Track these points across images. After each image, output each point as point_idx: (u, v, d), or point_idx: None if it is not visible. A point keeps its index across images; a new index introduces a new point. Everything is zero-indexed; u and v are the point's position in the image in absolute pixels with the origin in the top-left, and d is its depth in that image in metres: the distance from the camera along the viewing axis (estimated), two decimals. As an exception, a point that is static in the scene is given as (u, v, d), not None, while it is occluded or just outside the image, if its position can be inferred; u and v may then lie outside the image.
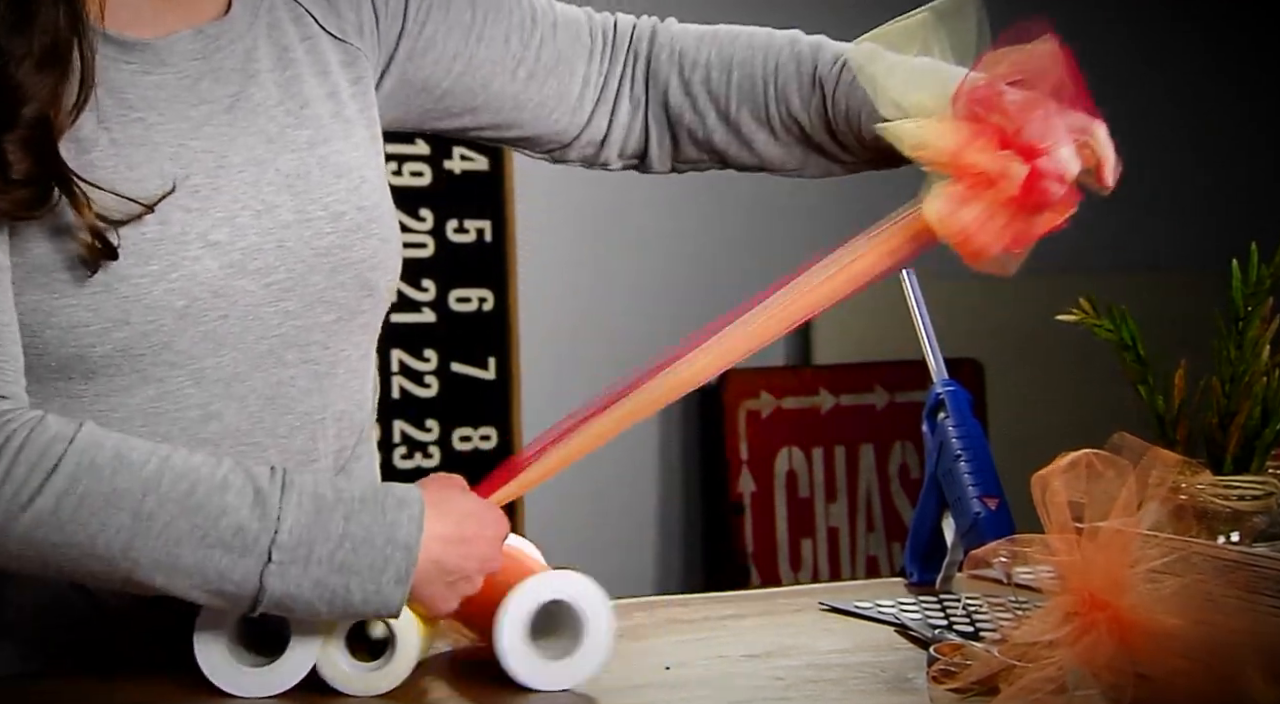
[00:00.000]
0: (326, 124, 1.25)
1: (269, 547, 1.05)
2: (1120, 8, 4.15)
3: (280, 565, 1.05)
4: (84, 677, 1.17)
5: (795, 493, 3.60)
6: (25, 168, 1.07)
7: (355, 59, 1.29)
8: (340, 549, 1.06)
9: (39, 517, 1.04)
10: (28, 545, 1.05)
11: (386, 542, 1.07)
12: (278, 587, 1.06)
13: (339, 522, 1.06)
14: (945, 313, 1.56)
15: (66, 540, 1.05)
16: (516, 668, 1.10)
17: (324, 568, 1.06)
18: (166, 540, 1.05)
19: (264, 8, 1.25)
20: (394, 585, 1.07)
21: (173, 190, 1.14)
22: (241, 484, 1.06)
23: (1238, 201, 4.19)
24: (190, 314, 1.14)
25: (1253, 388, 1.29)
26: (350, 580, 1.06)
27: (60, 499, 1.04)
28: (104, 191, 1.10)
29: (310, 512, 1.06)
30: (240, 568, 1.05)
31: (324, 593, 1.06)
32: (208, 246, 1.15)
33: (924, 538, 1.44)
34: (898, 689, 1.10)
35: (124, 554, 1.05)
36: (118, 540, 1.05)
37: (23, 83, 1.08)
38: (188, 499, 1.05)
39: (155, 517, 1.05)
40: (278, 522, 1.05)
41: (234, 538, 1.05)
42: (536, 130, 1.38)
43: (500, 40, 1.34)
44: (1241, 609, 1.05)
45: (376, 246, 1.25)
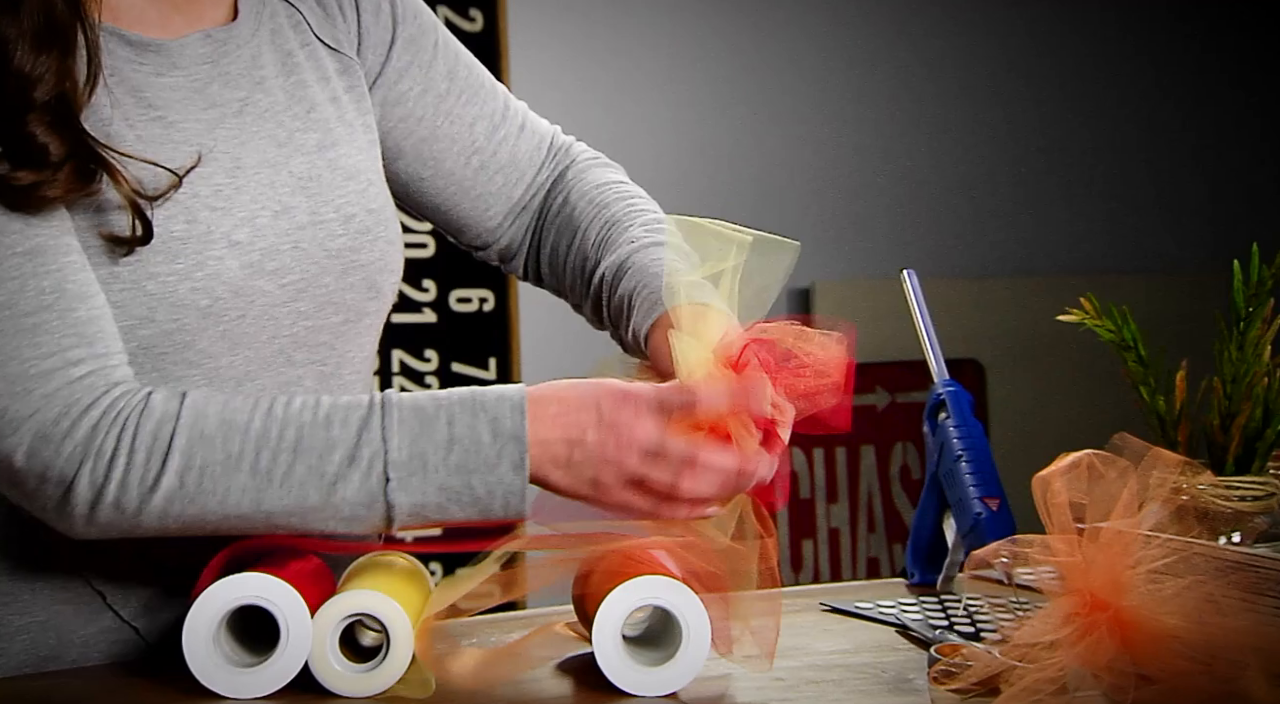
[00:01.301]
0: (333, 127, 1.26)
1: (384, 468, 1.08)
2: (1121, 9, 4.15)
3: (400, 480, 1.08)
4: (85, 677, 1.18)
5: (796, 493, 3.60)
6: (58, 147, 1.09)
7: (349, 67, 1.30)
8: (452, 452, 1.09)
9: (169, 495, 1.08)
10: (165, 521, 1.09)
11: (494, 435, 1.09)
12: (404, 500, 1.09)
13: (444, 427, 1.09)
14: (946, 313, 1.57)
15: (199, 511, 1.08)
16: (608, 668, 1.10)
17: (442, 473, 1.09)
18: (289, 487, 1.08)
19: (266, 14, 1.26)
20: (513, 473, 1.09)
21: (198, 163, 1.15)
22: (344, 417, 1.09)
23: (1239, 203, 4.19)
24: (213, 313, 1.15)
25: (1254, 389, 1.29)
26: (470, 478, 1.09)
27: (183, 476, 1.07)
28: (135, 160, 1.12)
29: (414, 424, 1.09)
30: (364, 493, 1.08)
31: (450, 495, 1.09)
32: (231, 246, 1.16)
33: (925, 538, 1.44)
34: (899, 690, 1.10)
35: (256, 509, 1.09)
36: (246, 499, 1.08)
37: (24, 66, 1.09)
38: (298, 445, 1.08)
39: (273, 469, 1.08)
40: (384, 441, 1.08)
41: (350, 468, 1.08)
42: (469, 221, 1.40)
43: (467, 123, 1.36)
44: (1243, 610, 1.05)
45: (384, 249, 1.26)
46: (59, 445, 1.07)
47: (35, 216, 1.09)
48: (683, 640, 1.10)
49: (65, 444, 1.07)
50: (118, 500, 1.08)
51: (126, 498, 1.08)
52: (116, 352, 1.11)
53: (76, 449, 1.07)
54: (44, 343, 1.08)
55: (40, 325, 1.08)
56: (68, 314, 1.09)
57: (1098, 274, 4.01)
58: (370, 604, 1.10)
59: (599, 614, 1.10)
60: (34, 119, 1.09)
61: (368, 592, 1.11)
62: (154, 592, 1.21)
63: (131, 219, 1.11)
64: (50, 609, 1.19)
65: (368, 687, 1.10)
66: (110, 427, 1.08)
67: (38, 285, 1.08)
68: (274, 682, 1.09)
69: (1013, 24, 4.06)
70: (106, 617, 1.20)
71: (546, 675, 1.16)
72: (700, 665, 1.10)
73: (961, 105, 4.00)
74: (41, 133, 1.09)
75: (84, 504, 1.08)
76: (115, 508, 1.08)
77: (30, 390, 1.07)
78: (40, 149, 1.08)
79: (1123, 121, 4.17)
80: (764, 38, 3.77)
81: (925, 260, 3.66)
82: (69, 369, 1.08)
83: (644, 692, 1.10)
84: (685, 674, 1.10)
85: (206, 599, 1.09)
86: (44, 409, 1.07)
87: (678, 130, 3.68)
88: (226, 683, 1.08)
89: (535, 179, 1.41)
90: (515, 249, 1.43)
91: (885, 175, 3.90)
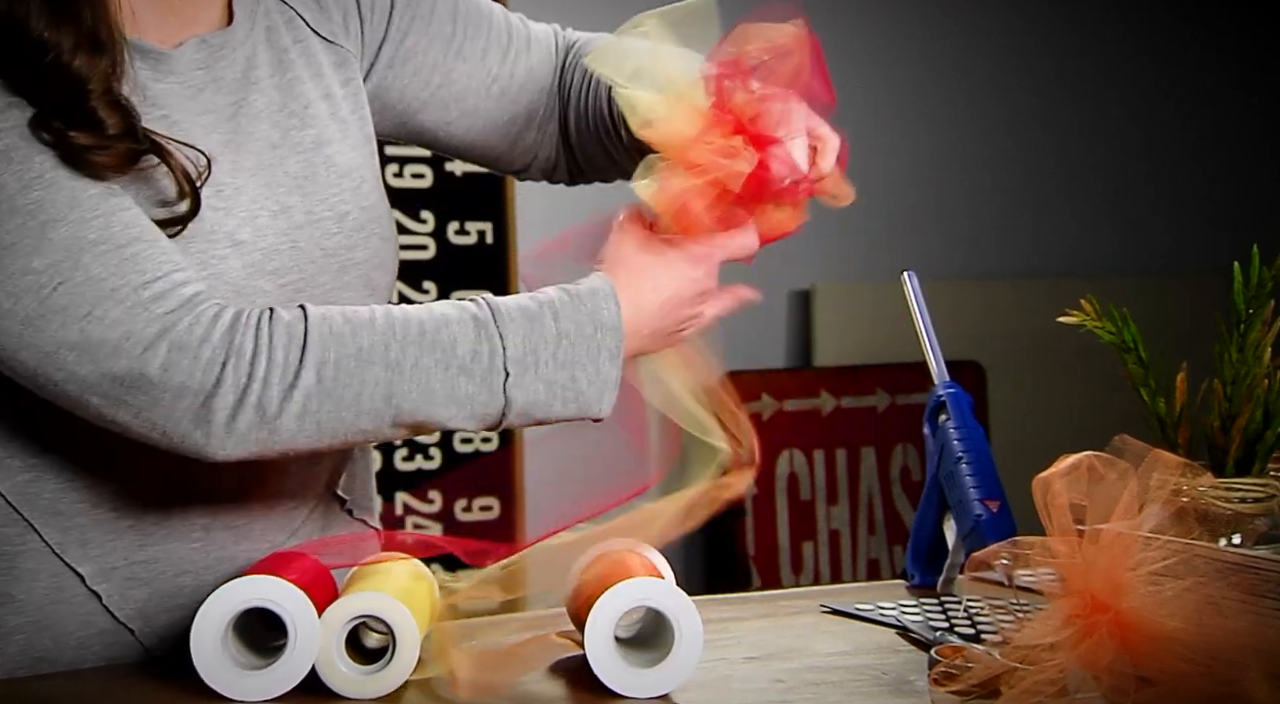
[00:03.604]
0: (326, 125, 1.26)
1: (504, 364, 1.12)
2: (1121, 9, 4.15)
3: (517, 376, 1.13)
4: (86, 678, 1.18)
5: (796, 495, 3.60)
6: (116, 122, 1.11)
7: (345, 61, 1.30)
8: (560, 347, 1.14)
9: (308, 391, 1.09)
10: (304, 419, 1.10)
11: (595, 328, 1.15)
12: (520, 396, 1.13)
13: (550, 324, 1.14)
14: (946, 315, 1.57)
15: (336, 405, 1.10)
16: (600, 670, 1.10)
17: (551, 367, 1.14)
18: (418, 378, 1.11)
19: (260, 13, 1.26)
20: (610, 364, 1.15)
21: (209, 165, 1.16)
22: (459, 315, 1.13)
23: (1239, 204, 4.19)
24: None
25: (1254, 390, 1.29)
26: (575, 371, 1.14)
27: (320, 370, 1.10)
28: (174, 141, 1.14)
29: (523, 323, 1.13)
30: (486, 387, 1.13)
31: (556, 390, 1.14)
32: (234, 245, 1.16)
33: (925, 540, 1.44)
34: (899, 692, 1.10)
35: (387, 402, 1.11)
36: (379, 392, 1.11)
37: (78, 68, 1.11)
38: (422, 339, 1.12)
39: (402, 361, 1.11)
40: (502, 339, 1.12)
41: (473, 362, 1.12)
42: (505, 148, 1.41)
43: (478, 56, 1.36)
44: (1243, 612, 1.05)
45: (378, 246, 1.27)
46: (197, 351, 1.08)
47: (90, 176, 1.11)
48: (675, 642, 1.10)
49: (204, 349, 1.08)
50: (260, 401, 1.09)
51: (269, 396, 1.09)
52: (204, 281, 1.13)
53: (216, 352, 1.08)
54: (148, 269, 1.09)
55: (139, 254, 1.09)
56: (157, 242, 1.11)
57: (1098, 276, 4.01)
58: (377, 606, 1.10)
59: (591, 616, 1.10)
60: (95, 100, 1.11)
61: (374, 594, 1.11)
62: (151, 593, 1.21)
63: (186, 201, 1.13)
64: (45, 610, 1.19)
65: (374, 689, 1.10)
66: (245, 327, 1.09)
67: (122, 219, 1.10)
68: (281, 684, 1.09)
69: (1013, 26, 4.06)
70: (103, 619, 1.20)
71: (540, 677, 1.16)
72: (693, 667, 1.10)
73: (961, 107, 4.00)
74: (102, 109, 1.11)
75: (227, 409, 1.08)
76: (257, 410, 1.09)
77: (150, 309, 1.08)
78: (99, 122, 1.11)
79: (1123, 122, 4.17)
80: (764, 39, 3.76)
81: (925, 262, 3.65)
82: (181, 289, 1.10)
83: (636, 693, 1.10)
84: (677, 675, 1.10)
85: (214, 602, 1.09)
86: (174, 322, 1.08)
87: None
88: (234, 685, 1.09)
89: (554, 85, 1.41)
90: (556, 158, 1.44)
91: (885, 178, 3.90)
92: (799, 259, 3.73)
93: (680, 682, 1.10)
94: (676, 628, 1.10)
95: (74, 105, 1.10)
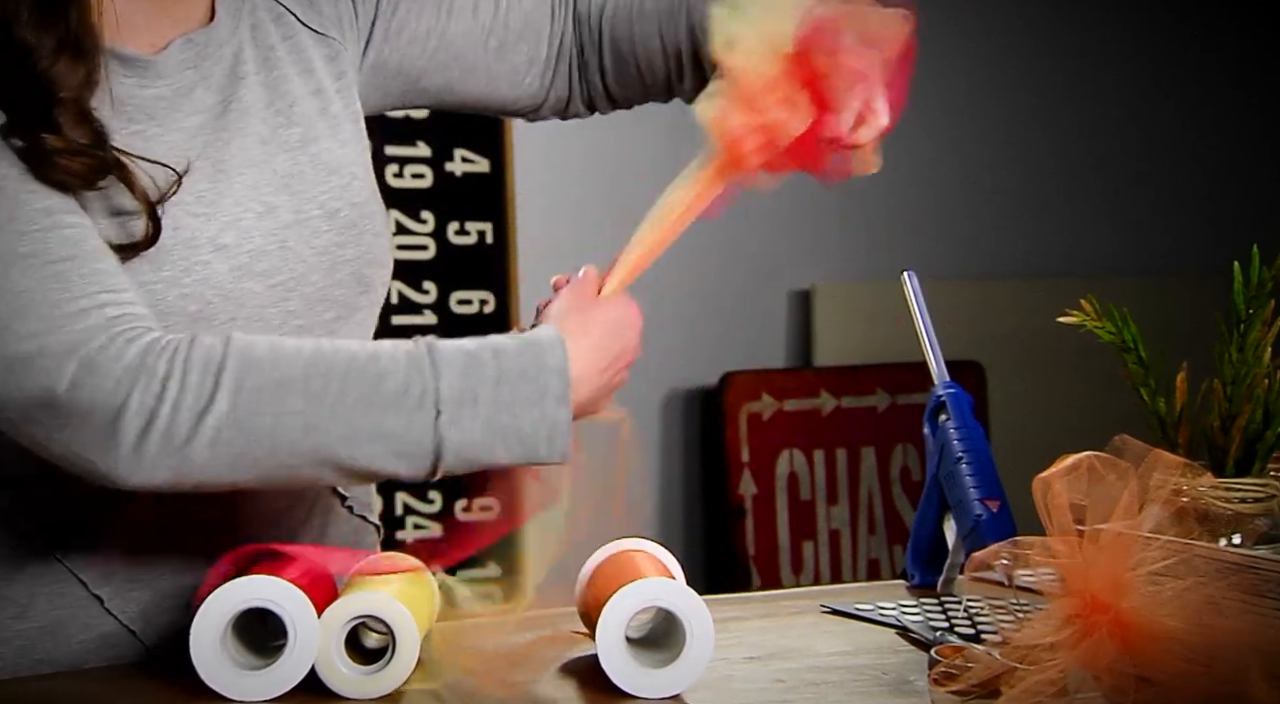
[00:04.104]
0: (315, 122, 1.26)
1: (435, 400, 1.09)
2: (1121, 9, 4.15)
3: (451, 414, 1.09)
4: (86, 678, 1.18)
5: (796, 495, 3.60)
6: (84, 132, 1.10)
7: (337, 54, 1.30)
8: (500, 387, 1.10)
9: (220, 418, 1.06)
10: (215, 451, 1.07)
11: (539, 370, 1.11)
12: (454, 436, 1.09)
13: (490, 363, 1.11)
14: (946, 315, 1.56)
15: (250, 436, 1.07)
16: (611, 669, 1.10)
17: (490, 407, 1.10)
18: (340, 412, 1.08)
19: (245, 9, 1.26)
20: (557, 406, 1.11)
21: (187, 170, 1.15)
22: (390, 351, 1.10)
23: (1239, 204, 4.19)
24: (203, 318, 1.14)
25: (1254, 390, 1.29)
26: (517, 413, 1.10)
27: (235, 397, 1.06)
28: (139, 159, 1.13)
29: (461, 361, 1.10)
30: (416, 424, 1.09)
31: (497, 431, 1.10)
32: (217, 250, 1.16)
33: (925, 540, 1.44)
34: (899, 692, 1.10)
35: (306, 435, 1.07)
36: (297, 423, 1.07)
37: (55, 74, 1.10)
38: (348, 371, 1.08)
39: (324, 392, 1.08)
40: (436, 375, 1.09)
41: (402, 397, 1.09)
42: (512, 97, 1.40)
43: (469, 11, 1.36)
44: (1243, 612, 1.05)
45: (370, 243, 1.26)
46: (108, 369, 1.06)
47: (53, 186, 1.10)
48: (686, 642, 1.10)
49: (114, 367, 1.06)
50: (169, 426, 1.06)
51: (178, 422, 1.06)
52: (142, 307, 1.11)
53: (127, 373, 1.06)
54: (73, 287, 1.08)
55: (68, 272, 1.08)
56: (92, 263, 1.09)
57: (1098, 276, 4.01)
58: (376, 606, 1.10)
59: (602, 616, 1.10)
60: (61, 111, 1.10)
61: (373, 593, 1.11)
62: (153, 595, 1.21)
63: (146, 221, 1.12)
64: (46, 614, 1.19)
65: (373, 689, 1.10)
66: (161, 352, 1.07)
67: (60, 236, 1.09)
68: (281, 684, 1.09)
69: (1013, 25, 4.06)
70: (105, 622, 1.20)
71: (551, 677, 1.16)
72: (703, 667, 1.10)
73: (961, 107, 4.00)
74: (67, 120, 1.10)
75: (133, 432, 1.06)
76: (166, 435, 1.06)
77: (67, 326, 1.06)
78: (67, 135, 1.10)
79: (1123, 122, 4.17)
80: (764, 39, 3.77)
81: (925, 262, 3.65)
82: (104, 309, 1.08)
83: (647, 693, 1.10)
84: (688, 676, 1.10)
85: (214, 602, 1.09)
86: (87, 339, 1.06)
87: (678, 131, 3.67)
88: (233, 685, 1.08)
89: (554, 27, 1.40)
90: (568, 96, 1.42)
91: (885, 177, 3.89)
92: (799, 259, 3.73)
93: (692, 682, 1.10)
94: (688, 628, 1.10)
95: (44, 112, 1.09)
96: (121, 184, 1.12)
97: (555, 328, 1.15)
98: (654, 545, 1.27)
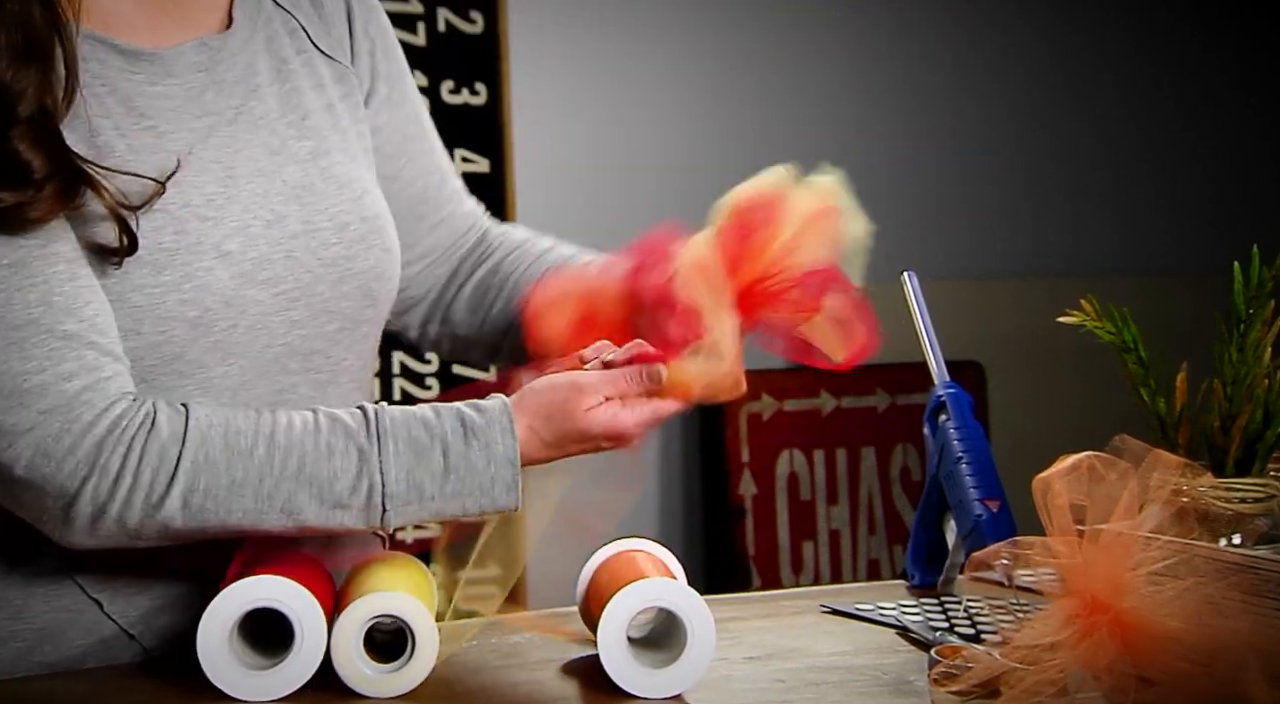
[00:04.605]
0: (327, 136, 1.25)
1: (381, 500, 1.12)
2: (1121, 9, 4.15)
3: (397, 510, 1.12)
4: (86, 678, 1.17)
5: (796, 495, 3.60)
6: (41, 165, 1.08)
7: (344, 75, 1.30)
8: (448, 482, 1.13)
9: (171, 514, 1.09)
10: (165, 536, 1.11)
11: (488, 462, 1.13)
12: (399, 522, 1.13)
13: (439, 459, 1.12)
14: (946, 315, 1.56)
15: (201, 526, 1.11)
16: (613, 670, 1.10)
17: (438, 501, 1.13)
18: (290, 512, 1.11)
19: (261, 20, 1.26)
20: (507, 494, 1.14)
21: (178, 167, 1.14)
22: (344, 447, 1.12)
23: (1239, 204, 4.19)
24: (202, 324, 1.14)
25: (1254, 390, 1.29)
26: (465, 502, 1.13)
27: (187, 497, 1.09)
28: (118, 173, 1.12)
29: (410, 457, 1.12)
30: (362, 521, 1.13)
31: (445, 515, 1.14)
32: (220, 257, 1.15)
33: (925, 540, 1.44)
34: (899, 692, 1.10)
35: (255, 528, 1.12)
36: (246, 520, 1.11)
37: (6, 79, 1.08)
38: (300, 474, 1.11)
39: (275, 495, 1.11)
40: (382, 475, 1.11)
41: (350, 498, 1.11)
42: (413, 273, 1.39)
43: (424, 171, 1.37)
44: (1243, 612, 1.05)
45: (380, 257, 1.26)
46: (60, 461, 1.07)
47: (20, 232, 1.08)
48: (687, 642, 1.10)
49: (67, 460, 1.07)
50: (121, 516, 1.09)
51: (130, 514, 1.09)
52: (112, 362, 1.10)
53: (80, 466, 1.07)
54: (33, 356, 1.07)
55: (27, 339, 1.07)
56: (55, 327, 1.08)
57: (1098, 276, 4.00)
58: (396, 605, 1.10)
59: (604, 616, 1.10)
60: (17, 135, 1.08)
61: (392, 593, 1.11)
62: (152, 598, 1.21)
63: (118, 231, 1.11)
64: (45, 616, 1.19)
65: (393, 687, 1.10)
66: (116, 445, 1.08)
67: (24, 299, 1.08)
68: (289, 684, 1.09)
69: (1013, 25, 4.06)
70: (105, 626, 1.20)
71: (553, 677, 1.16)
72: (705, 668, 1.10)
73: (961, 107, 4.00)
74: (25, 149, 1.08)
75: (86, 518, 1.09)
76: (118, 522, 1.09)
77: (26, 405, 1.06)
78: (23, 166, 1.07)
79: (1123, 122, 4.17)
80: (765, 39, 3.76)
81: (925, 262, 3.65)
82: (62, 384, 1.07)
83: (649, 693, 1.10)
84: (690, 675, 1.10)
85: (221, 602, 1.08)
86: (43, 424, 1.07)
87: (678, 131, 3.68)
88: (240, 685, 1.08)
89: (462, 240, 1.41)
90: (418, 298, 1.41)
91: (885, 177, 3.90)
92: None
93: (693, 682, 1.10)
94: (689, 628, 1.10)
95: None
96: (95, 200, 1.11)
97: (505, 401, 1.15)
98: (655, 545, 1.27)
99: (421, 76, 3.27)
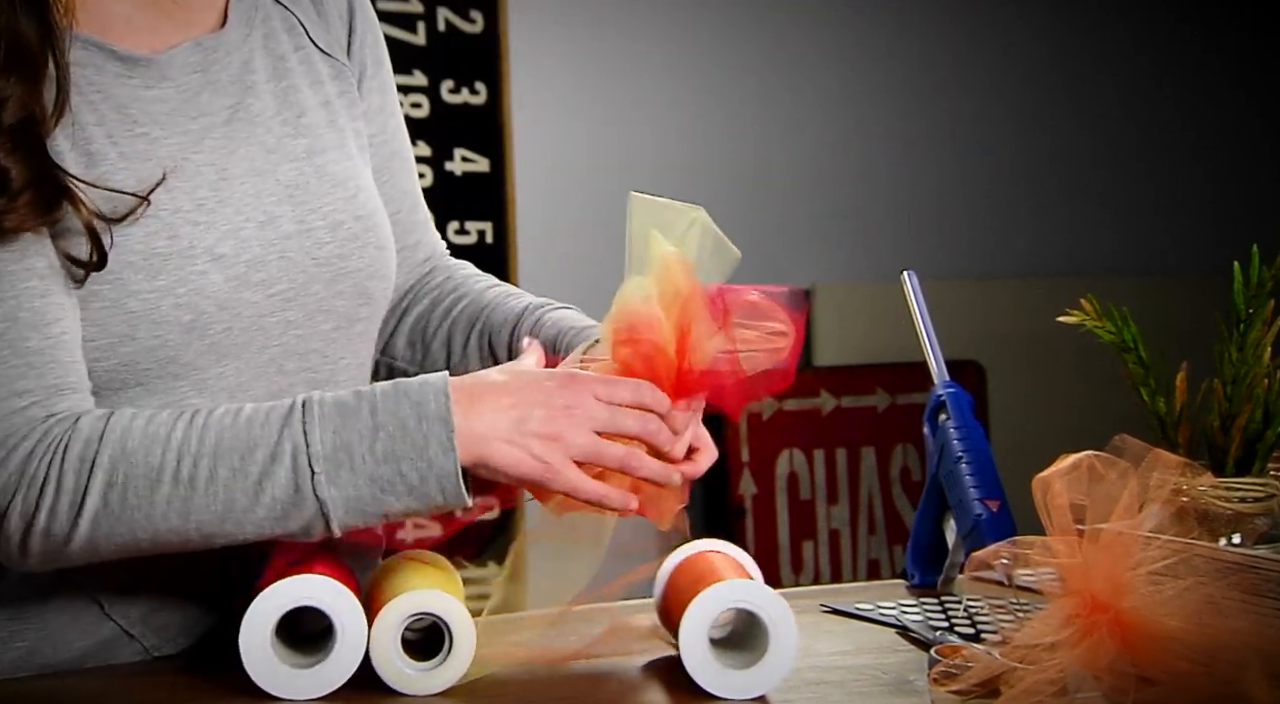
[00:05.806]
0: (322, 133, 1.25)
1: (307, 461, 1.07)
2: (1121, 9, 4.15)
3: (327, 474, 1.07)
4: (86, 678, 1.18)
5: (796, 495, 3.60)
6: (20, 173, 1.07)
7: (341, 72, 1.30)
8: (377, 440, 1.08)
9: (94, 514, 1.07)
10: (95, 541, 1.08)
11: (419, 419, 1.08)
12: (335, 494, 1.07)
13: (366, 417, 1.08)
14: (946, 315, 1.57)
15: (127, 527, 1.07)
16: (695, 672, 1.10)
17: (370, 463, 1.07)
18: (214, 493, 1.07)
19: (259, 18, 1.26)
20: (443, 455, 1.08)
21: (161, 181, 1.14)
22: (264, 417, 1.08)
23: (1239, 204, 4.19)
24: (196, 327, 1.14)
25: (1254, 390, 1.29)
26: (400, 465, 1.08)
27: (106, 494, 1.07)
28: (98, 188, 1.11)
29: (335, 417, 1.08)
30: (291, 489, 1.07)
31: (383, 485, 1.08)
32: (214, 260, 1.15)
33: (925, 540, 1.44)
34: (899, 691, 1.10)
35: (184, 520, 1.07)
36: (173, 510, 1.07)
37: None
38: (219, 448, 1.07)
39: (196, 475, 1.07)
40: (305, 435, 1.07)
41: (274, 465, 1.07)
42: None
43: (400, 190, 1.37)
44: (1243, 611, 1.05)
45: (374, 255, 1.26)
46: None
47: None
48: (770, 643, 1.10)
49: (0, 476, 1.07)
50: (47, 528, 1.07)
51: (56, 523, 1.07)
52: (70, 379, 1.10)
53: (10, 479, 1.07)
54: None
55: None
56: (19, 344, 1.08)
57: (1098, 275, 4.01)
58: (433, 603, 1.10)
59: (685, 618, 1.10)
60: None
61: (428, 591, 1.11)
62: (154, 600, 1.21)
63: (89, 245, 1.10)
64: (46, 619, 1.19)
65: (432, 685, 1.10)
66: (43, 455, 1.07)
67: None
68: (329, 683, 1.09)
69: (1013, 25, 4.06)
70: (106, 627, 1.20)
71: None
72: (788, 668, 1.10)
73: (961, 107, 4.00)
74: (3, 157, 1.07)
75: (17, 536, 1.08)
76: (46, 536, 1.08)
77: None
78: (1, 174, 1.07)
79: (1123, 122, 4.17)
80: (766, 39, 3.77)
81: (925, 262, 3.66)
82: (13, 400, 1.07)
83: (731, 694, 1.10)
84: (774, 676, 1.10)
85: (263, 602, 1.08)
86: None
87: (678, 131, 3.68)
88: (283, 684, 1.08)
89: (416, 270, 1.41)
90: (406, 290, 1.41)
91: (886, 177, 3.90)
92: (799, 259, 3.73)
93: (777, 683, 1.10)
94: (772, 629, 1.10)
95: None
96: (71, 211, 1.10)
97: (445, 375, 1.11)
98: (731, 545, 1.28)
99: (421, 76, 3.27)
